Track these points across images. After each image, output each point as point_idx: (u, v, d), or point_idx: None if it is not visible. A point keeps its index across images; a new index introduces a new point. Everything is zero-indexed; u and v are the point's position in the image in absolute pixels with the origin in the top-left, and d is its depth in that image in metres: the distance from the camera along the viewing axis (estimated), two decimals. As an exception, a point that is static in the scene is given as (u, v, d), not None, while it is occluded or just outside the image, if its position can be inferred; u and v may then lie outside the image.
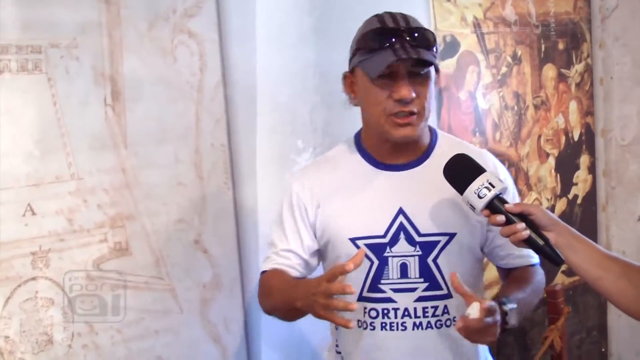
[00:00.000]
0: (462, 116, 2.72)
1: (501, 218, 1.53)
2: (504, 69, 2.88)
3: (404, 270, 1.76)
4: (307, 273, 1.86)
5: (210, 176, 2.17)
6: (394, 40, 1.66)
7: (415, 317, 1.76)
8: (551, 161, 3.12)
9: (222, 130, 2.19)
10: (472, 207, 1.57)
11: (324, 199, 1.80)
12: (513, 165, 2.92)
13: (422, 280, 1.75)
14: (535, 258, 1.82)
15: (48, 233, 1.89)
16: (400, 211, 1.76)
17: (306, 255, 1.83)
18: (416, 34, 1.68)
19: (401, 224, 1.75)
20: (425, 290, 1.75)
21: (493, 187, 1.55)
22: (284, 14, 2.26)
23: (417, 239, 1.75)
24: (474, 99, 2.79)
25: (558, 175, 3.16)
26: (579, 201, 3.28)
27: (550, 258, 1.53)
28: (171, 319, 2.11)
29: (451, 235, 1.75)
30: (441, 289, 1.75)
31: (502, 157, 1.83)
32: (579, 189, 3.28)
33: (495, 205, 1.55)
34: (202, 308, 2.16)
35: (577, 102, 3.21)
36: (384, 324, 1.78)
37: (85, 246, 1.95)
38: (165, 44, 2.08)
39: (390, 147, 1.78)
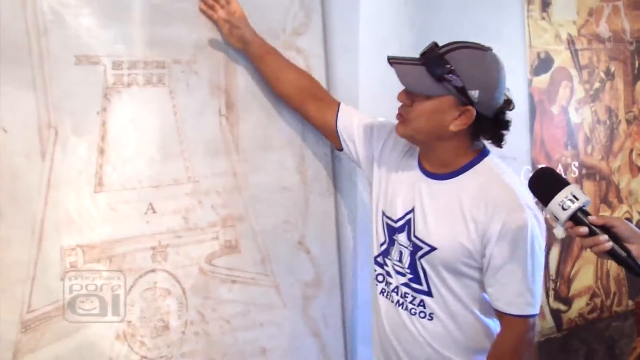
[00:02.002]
0: (554, 130, 2.69)
1: (584, 230, 1.51)
2: (597, 85, 2.83)
3: (400, 256, 1.88)
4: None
5: (313, 182, 2.18)
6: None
7: (399, 296, 1.90)
8: (642, 175, 3.07)
9: (326, 140, 2.18)
10: (556, 218, 1.54)
11: (386, 159, 1.95)
12: (604, 179, 2.87)
13: (409, 271, 1.86)
14: (515, 309, 1.76)
15: (166, 230, 1.93)
16: (412, 210, 1.84)
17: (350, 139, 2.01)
18: (422, 61, 1.73)
19: (408, 220, 1.85)
20: (410, 280, 1.86)
21: (577, 199, 1.51)
22: (385, 29, 2.26)
23: (412, 238, 1.84)
24: (567, 113, 2.75)
25: (650, 188, 3.10)
26: (671, 215, 3.17)
27: (632, 269, 1.49)
28: (275, 313, 2.12)
29: (432, 248, 1.79)
30: (421, 284, 1.84)
31: (593, 170, 1.78)
32: (671, 203, 3.19)
33: (578, 217, 1.51)
34: (303, 304, 2.17)
35: (670, 117, 3.13)
36: (382, 290, 1.96)
37: (199, 243, 1.99)
38: None
39: (427, 154, 1.85)
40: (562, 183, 1.55)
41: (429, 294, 1.83)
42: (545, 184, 1.58)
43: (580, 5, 2.74)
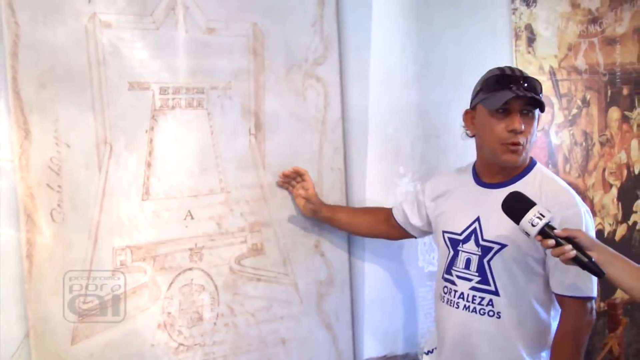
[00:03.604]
0: (536, 150, 2.72)
1: (551, 242, 1.60)
2: (574, 111, 2.87)
3: (467, 263, 1.89)
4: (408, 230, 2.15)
5: (329, 193, 2.21)
6: (512, 83, 1.79)
7: (466, 300, 1.89)
8: (614, 191, 3.05)
9: (340, 156, 2.23)
10: (527, 234, 1.64)
11: (437, 200, 2.02)
12: (580, 194, 2.69)
13: (477, 274, 1.87)
14: (575, 291, 1.79)
15: (202, 234, 2.01)
16: (477, 219, 1.88)
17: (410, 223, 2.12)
18: (529, 81, 1.81)
19: (474, 228, 1.88)
20: (478, 282, 1.87)
21: (543, 217, 1.61)
22: (393, 62, 2.30)
23: (481, 242, 1.86)
24: (548, 135, 2.79)
25: (619, 203, 3.08)
26: (638, 227, 3.18)
27: (594, 272, 1.58)
28: (293, 308, 2.17)
29: (503, 246, 1.83)
30: (489, 285, 1.85)
31: (571, 186, 1.85)
32: (638, 216, 3.17)
33: (545, 232, 1.61)
34: (318, 300, 2.21)
35: (639, 141, 3.13)
36: (448, 300, 1.94)
37: (229, 245, 2.05)
38: (298, 86, 2.14)
39: (493, 169, 1.89)
40: (529, 204, 1.65)
41: (496, 293, 1.84)
42: (515, 206, 1.67)
43: (560, 41, 2.79)
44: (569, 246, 1.59)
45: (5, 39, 1.73)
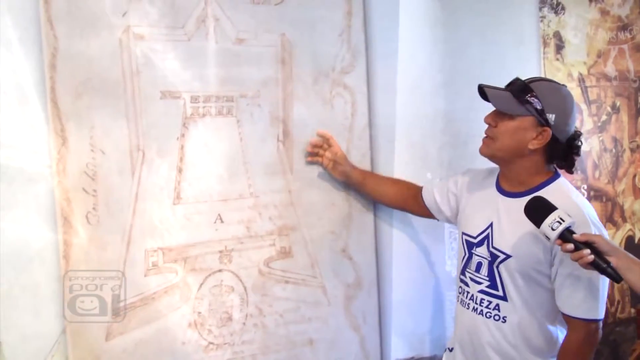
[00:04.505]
0: None
1: (570, 246, 1.58)
2: (604, 117, 2.82)
3: (478, 267, 1.89)
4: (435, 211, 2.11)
5: (356, 199, 2.20)
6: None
7: (475, 302, 1.90)
8: (645, 197, 3.02)
9: (367, 163, 2.22)
10: (547, 238, 1.62)
11: (464, 195, 2.00)
12: (610, 200, 2.83)
13: (487, 278, 1.87)
14: (581, 313, 1.74)
15: (232, 237, 2.01)
16: (490, 225, 1.87)
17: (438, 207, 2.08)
18: (512, 84, 1.83)
19: (488, 234, 1.87)
20: (487, 287, 1.87)
21: (563, 221, 1.59)
22: (419, 71, 2.28)
23: (490, 248, 1.85)
24: None
25: (650, 209, 3.04)
26: (670, 233, 3.12)
27: (612, 276, 1.56)
28: (321, 310, 2.16)
29: (507, 256, 1.81)
30: (497, 290, 1.84)
31: (600, 192, 1.80)
32: (670, 223, 3.14)
33: (565, 236, 1.59)
34: (345, 303, 2.20)
35: (670, 147, 3.09)
36: (462, 300, 1.96)
37: (258, 248, 2.06)
38: (325, 94, 2.14)
39: (510, 176, 1.86)
40: (550, 208, 1.63)
41: (504, 298, 1.83)
42: (537, 210, 1.65)
43: (589, 48, 2.74)
44: (587, 251, 1.57)
45: (45, 51, 1.77)
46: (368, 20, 2.22)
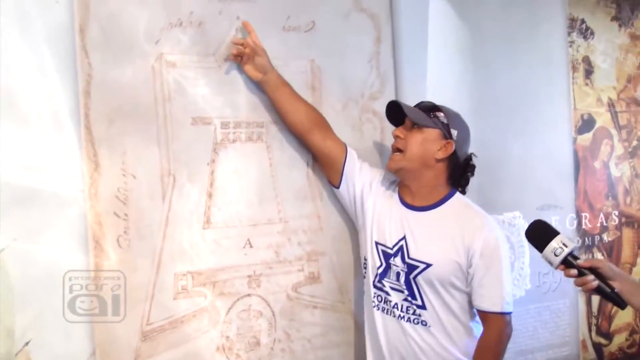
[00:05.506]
0: (596, 182, 2.65)
1: (574, 272, 1.55)
2: (634, 143, 2.78)
3: (397, 277, 1.95)
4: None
5: None
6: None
7: (400, 310, 1.95)
8: (675, 223, 2.94)
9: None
10: (550, 263, 1.57)
11: (373, 199, 2.02)
12: None
13: (405, 288, 1.94)
14: (495, 307, 1.87)
15: (261, 262, 1.99)
16: (403, 238, 1.94)
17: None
18: (419, 106, 1.99)
19: (401, 246, 1.94)
20: (407, 296, 1.94)
21: (566, 246, 1.55)
22: (449, 96, 2.22)
23: (407, 260, 1.93)
24: (608, 167, 2.70)
25: (681, 235, 2.96)
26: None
27: (616, 302, 1.53)
28: (349, 335, 2.12)
29: (428, 265, 1.90)
30: (416, 299, 1.93)
31: (632, 219, 1.75)
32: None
33: (568, 261, 1.55)
34: None
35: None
36: (383, 309, 1.99)
37: (287, 273, 2.03)
38: (355, 120, 2.13)
39: (406, 190, 1.99)
40: (553, 233, 1.59)
41: (423, 307, 1.92)
42: (539, 234, 1.62)
43: (619, 73, 2.70)
44: (592, 276, 1.54)
45: (79, 79, 1.77)
46: (397, 46, 2.20)
